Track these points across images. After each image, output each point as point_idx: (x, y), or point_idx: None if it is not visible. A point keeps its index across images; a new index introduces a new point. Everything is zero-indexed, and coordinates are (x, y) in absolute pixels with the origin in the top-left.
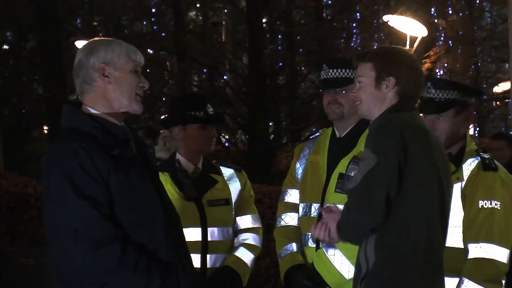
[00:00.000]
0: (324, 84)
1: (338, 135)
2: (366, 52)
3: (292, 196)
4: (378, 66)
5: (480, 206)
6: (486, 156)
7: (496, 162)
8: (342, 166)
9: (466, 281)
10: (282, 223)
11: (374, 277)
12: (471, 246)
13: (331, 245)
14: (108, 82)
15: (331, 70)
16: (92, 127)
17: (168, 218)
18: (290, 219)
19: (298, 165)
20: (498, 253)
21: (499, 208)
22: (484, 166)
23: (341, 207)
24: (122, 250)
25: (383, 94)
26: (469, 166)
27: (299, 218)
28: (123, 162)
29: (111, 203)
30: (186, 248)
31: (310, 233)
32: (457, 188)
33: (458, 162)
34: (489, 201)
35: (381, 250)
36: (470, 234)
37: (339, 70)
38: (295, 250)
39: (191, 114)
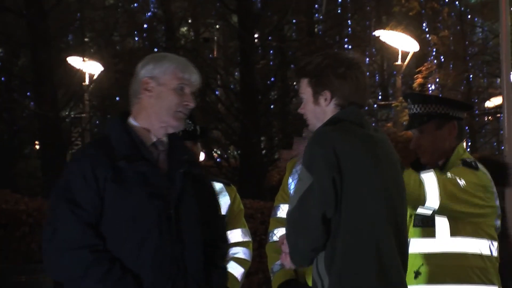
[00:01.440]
0: None
1: None
2: (301, 67)
3: (285, 211)
4: (312, 82)
5: (446, 175)
6: (468, 160)
7: (479, 165)
8: None
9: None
10: (275, 238)
11: None
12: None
13: None
14: (150, 97)
15: None
16: (116, 136)
17: (165, 240)
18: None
19: (290, 180)
20: (432, 201)
21: (461, 183)
22: (464, 164)
23: None
24: (93, 259)
25: (323, 109)
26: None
27: None
28: (129, 174)
29: (100, 212)
30: (189, 271)
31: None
32: None
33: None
34: (457, 178)
35: (332, 268)
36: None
37: None
38: None
39: None
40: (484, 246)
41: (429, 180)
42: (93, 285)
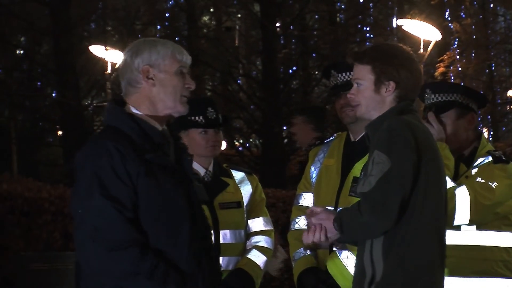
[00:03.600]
0: (336, 89)
1: (352, 139)
2: (364, 53)
3: (307, 199)
4: (377, 70)
5: (477, 180)
6: (497, 153)
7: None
8: (356, 170)
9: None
10: (296, 226)
11: (384, 285)
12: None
13: (344, 247)
14: (153, 85)
15: (340, 75)
16: (129, 128)
17: (194, 227)
18: (304, 222)
19: (312, 168)
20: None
21: (494, 187)
22: (494, 160)
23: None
24: (139, 255)
25: (382, 98)
26: (479, 164)
27: None
28: (155, 166)
29: (137, 207)
30: (213, 259)
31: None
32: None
33: (470, 162)
34: (489, 182)
35: (390, 255)
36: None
37: (348, 73)
38: (308, 253)
39: (190, 119)
40: (509, 239)
41: (462, 196)
42: (141, 282)
